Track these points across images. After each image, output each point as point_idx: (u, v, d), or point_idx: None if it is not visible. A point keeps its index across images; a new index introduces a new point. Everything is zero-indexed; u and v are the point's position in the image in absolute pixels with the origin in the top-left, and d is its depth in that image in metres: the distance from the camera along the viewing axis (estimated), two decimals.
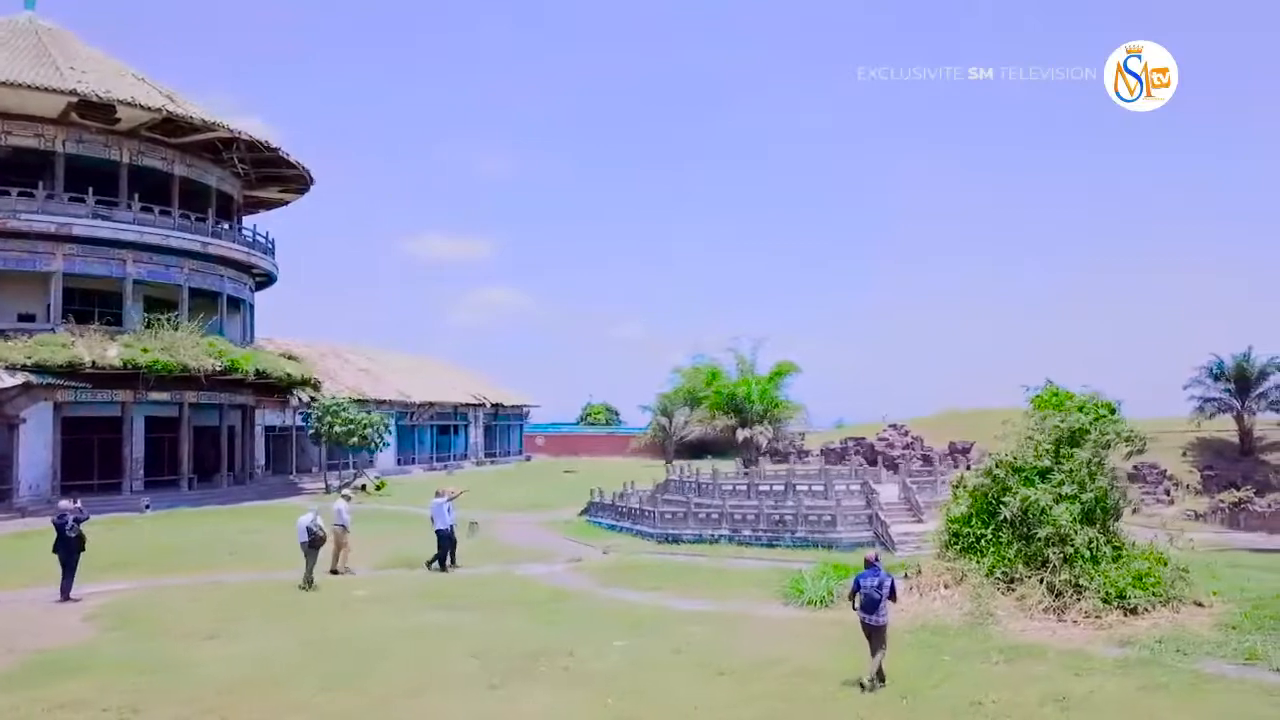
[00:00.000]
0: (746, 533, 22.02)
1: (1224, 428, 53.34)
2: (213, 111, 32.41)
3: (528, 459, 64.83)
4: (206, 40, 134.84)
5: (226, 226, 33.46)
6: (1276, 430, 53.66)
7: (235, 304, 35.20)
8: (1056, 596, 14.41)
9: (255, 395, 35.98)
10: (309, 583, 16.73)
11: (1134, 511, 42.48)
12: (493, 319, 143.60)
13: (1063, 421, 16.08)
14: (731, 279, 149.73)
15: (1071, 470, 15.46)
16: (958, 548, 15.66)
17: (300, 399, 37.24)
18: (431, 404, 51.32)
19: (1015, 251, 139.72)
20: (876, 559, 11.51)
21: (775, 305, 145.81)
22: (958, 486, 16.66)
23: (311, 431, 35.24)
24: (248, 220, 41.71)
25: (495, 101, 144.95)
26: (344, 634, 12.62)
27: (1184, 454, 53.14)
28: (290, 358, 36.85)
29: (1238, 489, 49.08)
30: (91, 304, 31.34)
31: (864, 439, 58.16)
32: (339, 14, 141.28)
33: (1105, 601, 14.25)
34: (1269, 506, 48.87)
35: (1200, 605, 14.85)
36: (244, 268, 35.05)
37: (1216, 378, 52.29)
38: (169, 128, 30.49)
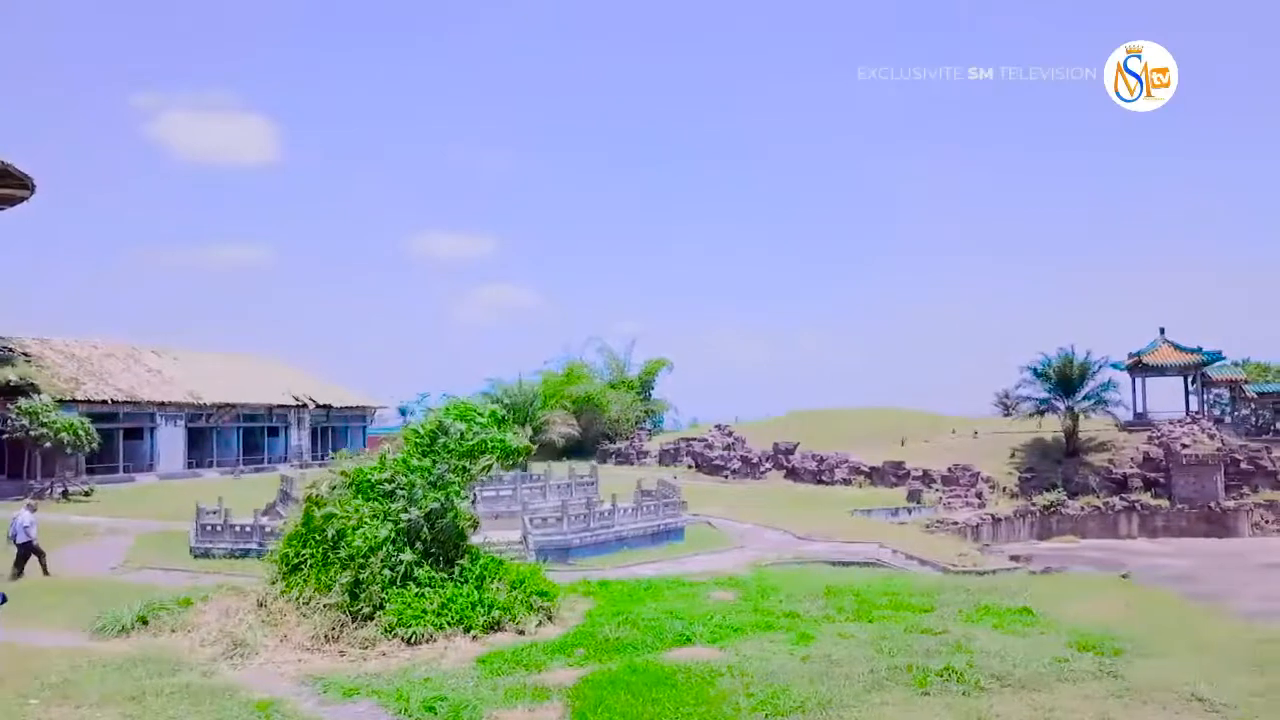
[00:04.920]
0: (272, 547, 20.71)
1: (1059, 428, 51.90)
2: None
3: None
4: (208, 39, 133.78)
5: None
6: (1109, 431, 52.24)
7: None
8: (335, 626, 13.16)
9: None
10: None
11: (908, 512, 41.30)
12: (497, 316, 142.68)
13: (425, 429, 14.81)
14: (731, 277, 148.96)
15: (410, 484, 14.18)
16: (287, 568, 14.39)
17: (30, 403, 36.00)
18: (232, 405, 50.07)
19: (1016, 250, 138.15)
20: None
21: (774, 302, 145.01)
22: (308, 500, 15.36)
23: (5, 436, 34.09)
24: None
25: (498, 100, 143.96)
26: None
27: (1012, 455, 51.79)
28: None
29: (1050, 491, 47.70)
30: None
31: (701, 439, 56.76)
32: (340, 12, 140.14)
33: (388, 631, 13.00)
34: (1081, 510, 47.54)
35: (521, 633, 13.61)
36: None
37: (1041, 377, 50.81)
38: None
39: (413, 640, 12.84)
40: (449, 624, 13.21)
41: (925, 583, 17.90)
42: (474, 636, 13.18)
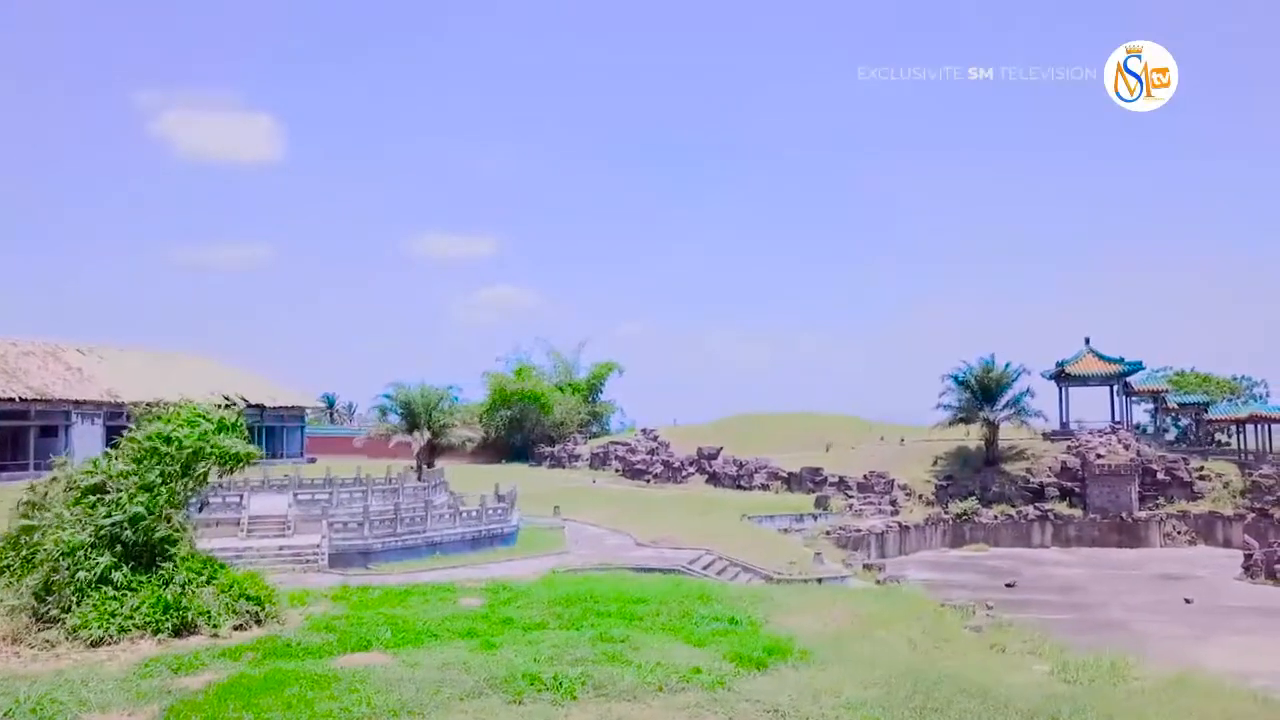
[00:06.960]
0: None
1: (983, 436, 51.82)
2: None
3: (311, 460, 63.90)
4: (210, 38, 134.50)
5: None
6: (1031, 440, 52.18)
7: None
8: (22, 628, 13.35)
9: None
10: None
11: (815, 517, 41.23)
12: (497, 316, 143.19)
13: (143, 435, 15.02)
14: (732, 276, 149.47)
15: (121, 489, 14.36)
16: None
17: None
18: (152, 404, 50.28)
19: (1015, 251, 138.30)
20: None
21: (774, 302, 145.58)
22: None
23: None
24: None
25: (498, 100, 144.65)
26: None
27: (935, 463, 51.72)
28: None
29: (965, 499, 47.71)
30: None
31: (626, 443, 56.98)
32: (342, 12, 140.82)
33: (73, 633, 13.19)
34: (995, 518, 47.55)
35: (216, 637, 13.80)
36: None
37: (962, 385, 50.82)
38: None
39: (96, 643, 13.01)
40: (137, 627, 13.38)
41: (690, 590, 18.01)
42: (160, 639, 13.36)
